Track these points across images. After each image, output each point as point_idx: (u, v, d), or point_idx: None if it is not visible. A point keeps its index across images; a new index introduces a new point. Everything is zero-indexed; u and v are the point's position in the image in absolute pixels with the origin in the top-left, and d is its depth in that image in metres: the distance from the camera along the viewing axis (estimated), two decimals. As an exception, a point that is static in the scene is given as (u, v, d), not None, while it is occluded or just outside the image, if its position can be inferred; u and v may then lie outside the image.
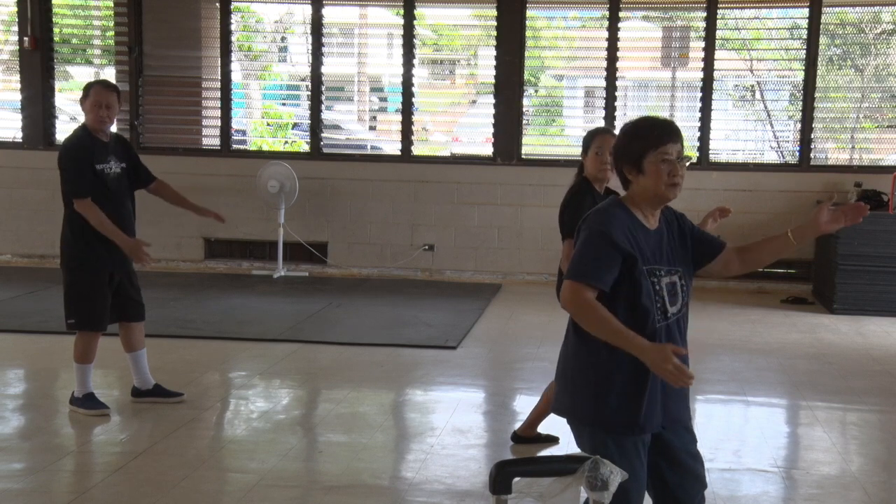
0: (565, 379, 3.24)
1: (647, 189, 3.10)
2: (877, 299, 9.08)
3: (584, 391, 3.14)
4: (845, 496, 4.76)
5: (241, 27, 11.49)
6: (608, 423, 3.08)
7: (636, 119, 3.25)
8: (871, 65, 10.88)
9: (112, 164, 5.63)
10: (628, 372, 3.06)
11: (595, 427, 3.12)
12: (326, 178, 10.72)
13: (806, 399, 6.40)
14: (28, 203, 10.98)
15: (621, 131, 3.21)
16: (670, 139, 3.09)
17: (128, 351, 5.91)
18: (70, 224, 5.60)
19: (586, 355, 3.13)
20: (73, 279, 5.64)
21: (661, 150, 3.07)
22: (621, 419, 3.08)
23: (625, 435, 3.08)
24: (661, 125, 3.14)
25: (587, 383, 3.13)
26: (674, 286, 3.13)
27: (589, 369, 3.13)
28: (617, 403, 3.07)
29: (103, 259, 5.59)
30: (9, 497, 4.49)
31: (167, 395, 5.96)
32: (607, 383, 3.08)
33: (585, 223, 3.13)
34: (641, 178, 3.09)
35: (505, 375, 7.04)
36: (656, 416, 3.11)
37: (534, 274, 10.53)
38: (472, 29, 11.31)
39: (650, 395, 3.08)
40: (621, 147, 3.15)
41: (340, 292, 9.66)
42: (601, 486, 2.41)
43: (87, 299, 5.62)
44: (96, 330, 5.70)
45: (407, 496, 4.64)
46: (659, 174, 3.06)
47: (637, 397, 3.07)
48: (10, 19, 11.20)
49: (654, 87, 11.88)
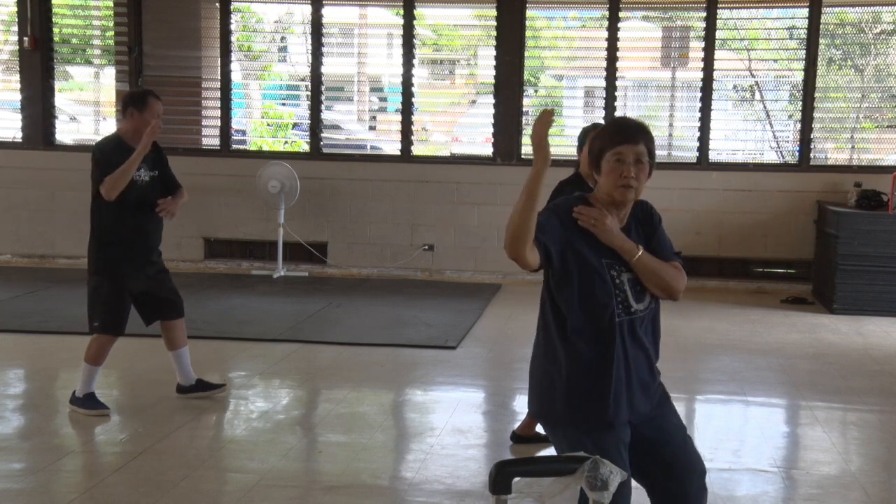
0: (532, 381, 3.25)
1: (603, 188, 3.13)
2: (877, 299, 9.08)
3: (550, 392, 3.14)
4: (845, 496, 4.76)
5: (240, 27, 11.49)
6: (578, 421, 3.08)
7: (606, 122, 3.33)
8: (870, 65, 10.88)
9: (142, 172, 5.67)
10: (590, 369, 3.07)
11: (567, 428, 3.12)
12: (326, 178, 10.71)
13: (806, 399, 6.40)
14: (28, 203, 10.99)
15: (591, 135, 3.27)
16: (626, 140, 3.07)
17: (170, 349, 5.96)
18: (97, 229, 5.65)
19: (549, 356, 3.15)
20: (98, 284, 5.68)
21: (615, 151, 3.07)
22: (590, 417, 3.07)
23: (599, 431, 3.06)
24: (622, 126, 3.15)
25: (551, 384, 3.14)
26: (638, 282, 3.12)
27: (552, 370, 3.13)
28: (582, 402, 3.07)
29: (124, 266, 5.64)
30: (9, 497, 4.50)
31: (210, 389, 6.03)
32: (570, 382, 3.08)
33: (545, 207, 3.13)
34: (600, 177, 3.13)
35: (505, 375, 7.04)
36: (622, 411, 3.10)
37: (533, 274, 10.52)
38: (472, 29, 11.31)
39: (615, 389, 3.07)
40: (590, 148, 3.20)
41: (340, 292, 9.66)
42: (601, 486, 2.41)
43: (109, 304, 5.67)
44: (117, 334, 5.75)
45: (407, 496, 4.65)
46: (613, 173, 3.07)
47: (602, 394, 3.07)
48: (10, 19, 11.20)
49: (654, 87, 11.88)
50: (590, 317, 3.06)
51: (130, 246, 5.65)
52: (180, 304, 5.93)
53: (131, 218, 5.61)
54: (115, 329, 5.72)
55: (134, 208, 5.61)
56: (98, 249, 5.65)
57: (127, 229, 5.62)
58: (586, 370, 3.08)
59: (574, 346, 3.07)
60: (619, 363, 3.08)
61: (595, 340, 3.08)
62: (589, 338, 3.08)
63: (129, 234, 5.64)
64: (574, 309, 3.07)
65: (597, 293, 3.05)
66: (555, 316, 3.14)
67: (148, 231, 5.72)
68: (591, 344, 3.08)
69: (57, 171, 10.94)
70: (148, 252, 5.76)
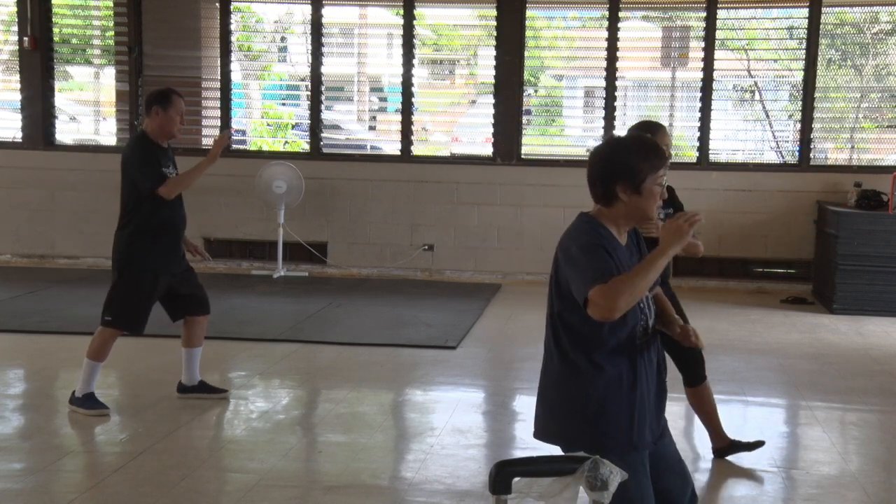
0: (550, 405, 3.17)
1: (638, 209, 3.05)
2: (876, 299, 9.08)
3: (572, 415, 3.08)
4: (844, 496, 4.77)
5: (240, 27, 11.49)
6: (606, 445, 3.00)
7: (633, 137, 3.22)
8: (870, 65, 10.88)
9: (171, 169, 5.81)
10: (617, 392, 3.03)
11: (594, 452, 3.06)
12: (326, 178, 10.72)
13: (805, 399, 6.40)
14: (28, 203, 10.98)
15: (618, 148, 3.13)
16: (665, 163, 3.08)
17: (186, 346, 6.00)
18: (128, 226, 5.72)
19: (572, 380, 3.07)
20: (120, 279, 5.73)
21: (659, 174, 3.05)
22: (618, 439, 3.04)
23: (626, 454, 3.01)
24: (659, 149, 3.12)
25: (574, 408, 3.07)
26: (648, 300, 3.12)
27: (576, 394, 3.06)
28: (609, 425, 3.03)
29: (152, 262, 5.70)
30: (9, 497, 4.50)
31: (212, 392, 6.06)
32: (598, 405, 3.03)
33: (571, 241, 3.03)
34: (636, 198, 3.03)
35: (505, 375, 7.04)
36: (647, 434, 3.08)
37: (533, 274, 10.53)
38: (472, 29, 11.31)
39: (639, 413, 3.05)
40: (621, 165, 3.04)
41: (340, 292, 9.66)
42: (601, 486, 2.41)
43: (128, 300, 5.71)
44: (128, 332, 5.79)
45: (406, 496, 4.65)
46: (654, 196, 3.04)
47: (629, 416, 3.04)
48: (10, 19, 11.20)
49: (654, 87, 11.88)
50: (618, 339, 3.01)
51: (163, 240, 5.74)
52: (207, 301, 6.03)
53: (167, 211, 5.73)
54: (129, 326, 5.75)
55: (168, 203, 5.73)
56: (129, 245, 5.70)
57: (161, 225, 5.72)
58: (614, 393, 3.04)
59: (601, 368, 3.02)
60: (643, 385, 3.07)
61: (620, 363, 3.04)
62: (616, 360, 3.03)
63: (161, 230, 5.73)
64: (604, 331, 3.00)
65: (627, 315, 2.98)
66: (577, 339, 3.05)
67: (178, 226, 5.83)
68: (618, 366, 3.03)
69: (57, 171, 10.95)
70: (177, 247, 5.84)
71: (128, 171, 5.72)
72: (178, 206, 5.82)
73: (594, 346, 3.03)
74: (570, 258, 3.00)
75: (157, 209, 5.69)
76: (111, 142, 11.55)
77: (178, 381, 6.08)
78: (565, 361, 3.09)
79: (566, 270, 3.01)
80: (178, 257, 5.85)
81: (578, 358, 3.05)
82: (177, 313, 5.98)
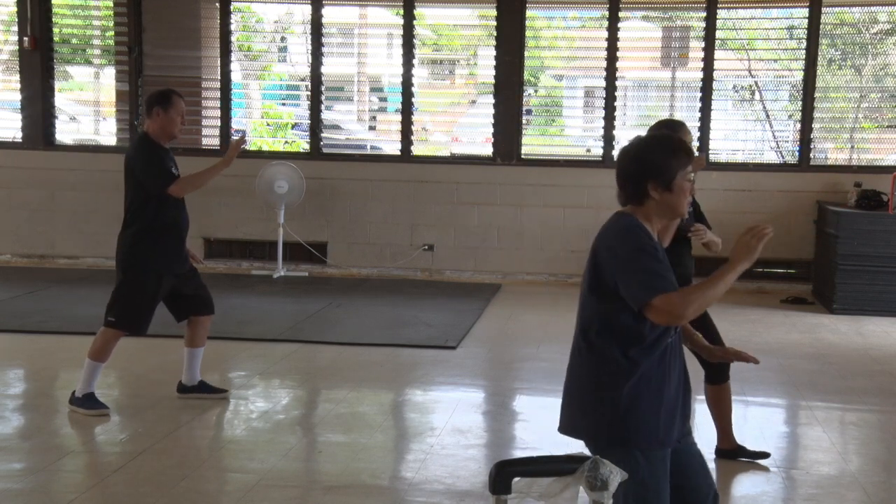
0: (578, 400, 3.18)
1: (670, 206, 3.12)
2: (876, 299, 9.08)
3: (603, 412, 3.10)
4: (844, 496, 4.77)
5: (240, 27, 11.49)
6: (637, 442, 3.05)
7: (660, 136, 3.29)
8: (870, 65, 10.88)
9: (175, 170, 5.83)
10: (651, 389, 3.07)
11: (624, 447, 3.07)
12: (326, 178, 10.72)
13: (805, 399, 6.40)
14: (28, 203, 10.98)
15: (648, 147, 3.18)
16: (692, 159, 3.16)
17: (188, 345, 6.01)
18: (132, 227, 5.72)
19: (605, 376, 3.09)
20: (124, 280, 5.73)
21: (688, 170, 3.13)
22: (644, 436, 3.07)
23: (653, 451, 3.06)
24: (687, 145, 3.21)
25: (605, 404, 3.09)
26: None
27: (608, 390, 3.08)
28: (638, 422, 3.06)
29: (156, 263, 5.71)
30: (9, 497, 4.50)
31: (212, 392, 6.07)
32: (628, 402, 3.06)
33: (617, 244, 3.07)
34: (667, 195, 3.10)
35: (505, 375, 7.04)
36: (675, 430, 3.12)
37: (533, 274, 10.53)
38: (472, 29, 11.31)
39: (668, 410, 3.09)
40: (651, 163, 3.11)
41: (340, 292, 9.66)
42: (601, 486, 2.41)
43: (131, 302, 5.71)
44: (131, 333, 5.79)
45: (406, 496, 4.65)
46: (684, 193, 3.12)
47: (656, 414, 3.07)
48: (10, 19, 11.19)
49: (654, 87, 11.89)
50: (654, 336, 3.06)
51: (167, 242, 5.74)
52: (211, 301, 6.04)
53: (171, 212, 5.75)
54: (132, 328, 5.75)
55: (172, 204, 5.75)
56: (133, 246, 5.70)
57: (165, 226, 5.73)
58: (645, 389, 3.07)
59: (637, 365, 3.05)
60: (672, 382, 3.11)
61: (653, 360, 3.08)
62: (650, 357, 3.07)
63: (165, 231, 5.74)
64: (646, 329, 3.05)
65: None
66: (616, 336, 3.08)
67: (182, 227, 5.85)
68: (651, 363, 3.07)
69: (57, 171, 10.94)
70: (181, 248, 5.85)
71: (133, 172, 5.72)
72: (181, 208, 5.84)
73: (632, 342, 3.06)
74: (620, 262, 3.04)
75: (162, 210, 5.70)
76: (111, 142, 11.55)
77: (178, 381, 6.09)
78: (600, 357, 3.11)
79: (616, 273, 3.04)
80: (181, 258, 5.85)
81: (615, 354, 3.08)
82: (181, 314, 5.98)
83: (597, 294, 3.11)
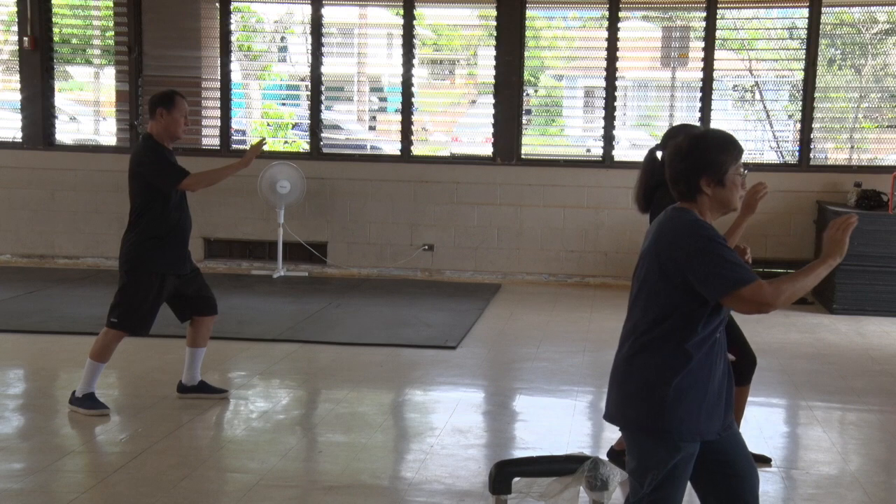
0: (626, 389, 3.23)
1: (722, 200, 3.20)
2: (876, 299, 9.08)
3: (651, 401, 3.15)
4: (844, 496, 4.77)
5: (240, 27, 11.49)
6: (673, 432, 3.12)
7: (708, 131, 3.35)
8: (870, 65, 10.88)
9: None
10: (694, 383, 3.12)
11: (669, 435, 3.14)
12: (326, 178, 10.72)
13: (805, 399, 6.40)
14: (28, 203, 10.98)
15: (699, 144, 3.22)
16: (742, 153, 3.25)
17: (190, 345, 6.01)
18: (136, 228, 5.72)
19: (653, 369, 3.15)
20: (127, 281, 5.73)
21: (739, 164, 3.20)
22: (686, 429, 3.13)
23: (689, 442, 3.13)
24: (736, 140, 3.27)
25: (654, 393, 3.14)
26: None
27: (658, 380, 3.13)
28: (684, 412, 3.12)
29: (159, 265, 5.71)
30: (9, 497, 4.50)
31: (212, 392, 6.07)
32: (676, 393, 3.11)
33: (688, 239, 3.11)
34: (720, 190, 3.17)
35: (505, 375, 7.04)
36: (716, 422, 3.18)
37: (533, 274, 10.54)
38: (472, 29, 11.31)
39: (712, 402, 3.15)
40: (703, 159, 3.17)
41: (340, 292, 9.66)
42: (601, 486, 2.42)
43: (134, 303, 5.71)
44: (134, 334, 5.80)
45: (406, 496, 4.65)
46: (736, 187, 3.20)
47: (700, 406, 3.13)
48: (10, 19, 11.19)
49: (654, 87, 11.88)
50: (710, 330, 3.14)
51: (171, 243, 5.75)
52: (214, 301, 6.03)
53: (175, 214, 5.76)
54: (134, 329, 5.75)
55: (176, 206, 5.76)
56: (137, 247, 5.70)
57: (168, 228, 5.74)
58: (694, 380, 3.13)
59: (690, 357, 3.12)
60: (717, 375, 3.18)
61: (703, 352, 3.15)
62: (701, 349, 3.14)
63: (169, 233, 5.74)
64: (703, 322, 3.12)
65: (722, 307, 3.15)
66: (676, 328, 3.14)
67: (185, 229, 5.86)
68: (700, 355, 3.14)
69: (57, 171, 10.94)
70: (184, 249, 5.86)
71: (141, 174, 5.72)
72: (185, 209, 5.84)
73: (685, 338, 3.12)
74: (694, 256, 3.08)
75: (165, 212, 5.71)
76: (111, 142, 11.55)
77: (178, 380, 6.09)
78: (651, 352, 3.16)
79: (689, 268, 3.08)
80: (184, 260, 5.85)
81: (667, 349, 3.13)
82: (184, 314, 5.98)
83: (656, 291, 3.17)
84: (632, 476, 3.22)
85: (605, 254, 10.43)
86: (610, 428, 5.75)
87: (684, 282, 3.10)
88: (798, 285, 3.14)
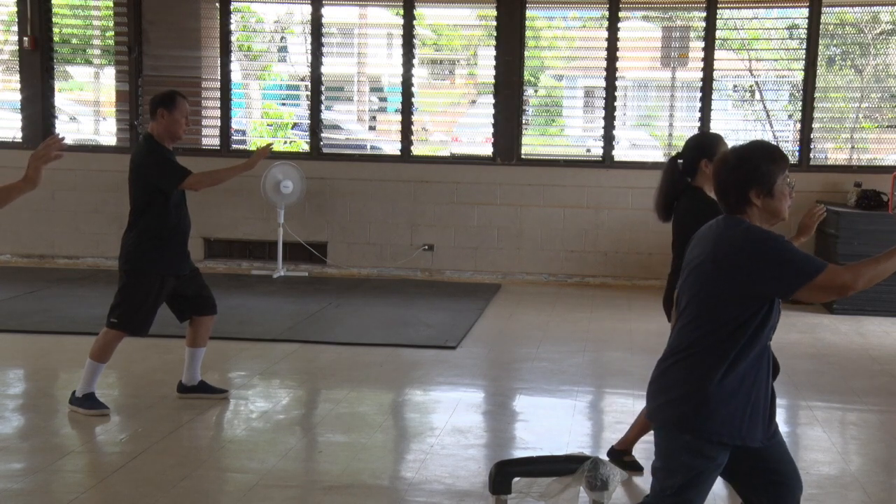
0: (668, 391, 3.24)
1: (772, 210, 3.25)
2: (877, 299, 9.07)
3: (692, 404, 3.16)
4: (845, 496, 4.77)
5: (240, 27, 11.49)
6: (714, 435, 3.14)
7: (754, 143, 3.36)
8: (870, 65, 10.88)
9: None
10: (739, 388, 3.15)
11: (703, 437, 3.15)
12: (326, 178, 10.72)
13: (805, 399, 6.40)
14: (28, 203, 10.91)
15: (746, 156, 3.24)
16: (788, 163, 3.28)
17: (189, 345, 6.01)
18: (136, 229, 5.72)
19: (700, 372, 3.16)
20: (128, 281, 5.74)
21: (786, 174, 3.24)
22: (728, 433, 3.15)
23: (728, 444, 3.15)
24: (782, 151, 3.32)
25: (698, 396, 3.15)
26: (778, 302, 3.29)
27: (703, 383, 3.14)
28: (727, 416, 3.14)
29: (159, 265, 5.72)
30: (9, 497, 4.50)
31: (212, 392, 6.07)
32: (720, 398, 3.13)
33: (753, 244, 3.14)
34: (769, 200, 3.22)
35: (504, 375, 7.04)
36: (760, 430, 3.20)
37: (533, 274, 10.54)
38: (472, 29, 11.31)
39: (756, 408, 3.18)
40: (752, 171, 3.20)
41: (340, 292, 9.66)
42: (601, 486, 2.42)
43: (134, 304, 5.71)
44: (133, 334, 5.79)
45: (407, 496, 4.65)
46: (784, 196, 3.24)
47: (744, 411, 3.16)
48: (10, 19, 11.19)
49: (654, 87, 11.89)
50: (760, 337, 3.18)
51: (170, 244, 5.75)
52: (213, 301, 6.03)
53: (175, 214, 5.76)
54: (134, 329, 5.75)
55: (176, 206, 5.76)
56: (136, 248, 5.70)
57: (168, 229, 5.74)
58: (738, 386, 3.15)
59: (736, 365, 3.14)
60: (761, 382, 3.22)
61: (751, 358, 3.18)
62: (749, 355, 3.17)
63: (169, 233, 5.75)
64: (755, 329, 3.16)
65: (773, 312, 3.20)
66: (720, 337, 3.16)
67: (185, 229, 5.87)
68: (748, 364, 3.17)
69: (57, 171, 10.85)
70: (184, 250, 5.86)
71: (142, 175, 5.72)
72: (184, 210, 5.84)
73: (739, 342, 3.15)
74: (762, 256, 3.12)
75: (165, 213, 5.71)
76: (111, 142, 11.54)
77: (178, 380, 6.09)
78: (698, 356, 3.18)
79: (756, 274, 3.11)
80: (184, 260, 5.85)
81: (721, 352, 3.15)
82: (184, 314, 5.98)
83: (712, 301, 3.18)
84: (653, 475, 3.25)
85: (604, 254, 10.43)
86: (610, 428, 5.76)
87: (745, 289, 3.12)
88: (880, 268, 3.19)
